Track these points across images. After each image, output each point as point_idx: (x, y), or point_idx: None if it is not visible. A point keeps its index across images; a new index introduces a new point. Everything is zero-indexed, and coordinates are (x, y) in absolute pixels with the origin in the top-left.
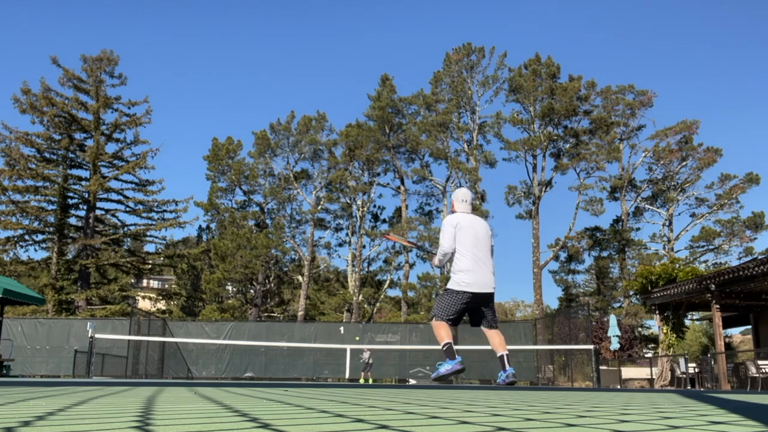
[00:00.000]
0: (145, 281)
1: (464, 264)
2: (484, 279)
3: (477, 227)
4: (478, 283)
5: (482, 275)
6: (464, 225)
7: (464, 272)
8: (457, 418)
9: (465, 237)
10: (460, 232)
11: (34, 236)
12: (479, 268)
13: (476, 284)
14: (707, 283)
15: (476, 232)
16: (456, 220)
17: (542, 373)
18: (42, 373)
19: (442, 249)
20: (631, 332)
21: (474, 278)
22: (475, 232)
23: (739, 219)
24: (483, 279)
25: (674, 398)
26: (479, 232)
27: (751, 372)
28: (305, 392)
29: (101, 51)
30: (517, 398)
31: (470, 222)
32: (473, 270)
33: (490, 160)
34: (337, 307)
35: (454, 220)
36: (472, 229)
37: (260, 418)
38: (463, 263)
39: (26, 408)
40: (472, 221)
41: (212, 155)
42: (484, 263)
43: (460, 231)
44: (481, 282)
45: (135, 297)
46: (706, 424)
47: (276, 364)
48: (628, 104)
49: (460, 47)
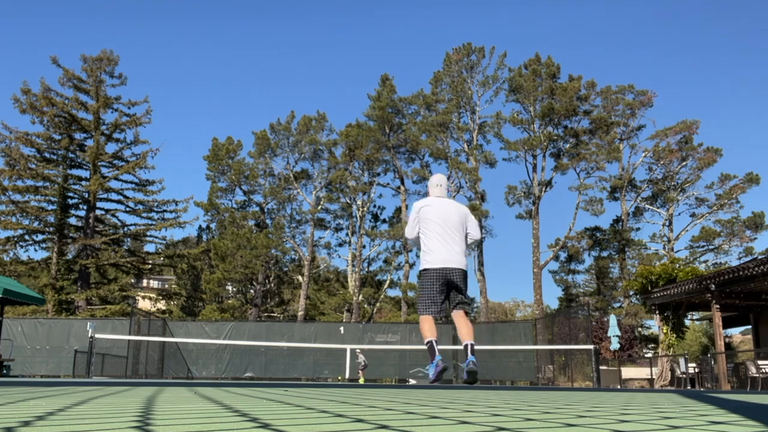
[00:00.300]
0: (145, 281)
1: (429, 244)
2: (450, 256)
3: (446, 209)
4: (444, 259)
5: (448, 253)
6: (430, 207)
7: (429, 252)
8: (457, 418)
9: (430, 218)
10: (426, 215)
11: (34, 236)
12: (445, 247)
13: (442, 260)
14: (707, 283)
15: (444, 214)
16: (421, 204)
17: (542, 373)
18: (42, 373)
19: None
20: (631, 332)
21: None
22: (442, 214)
23: (739, 219)
24: (449, 256)
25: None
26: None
27: (751, 372)
28: (305, 392)
29: (101, 51)
30: (517, 398)
31: (438, 204)
32: (438, 249)
33: (490, 160)
34: (337, 307)
35: (419, 204)
36: (439, 210)
37: (260, 418)
38: (428, 244)
39: (26, 408)
40: (440, 204)
41: (212, 155)
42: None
43: (425, 214)
44: (447, 258)
45: (135, 297)
46: (706, 424)
47: (276, 364)
48: (628, 104)
49: (460, 47)
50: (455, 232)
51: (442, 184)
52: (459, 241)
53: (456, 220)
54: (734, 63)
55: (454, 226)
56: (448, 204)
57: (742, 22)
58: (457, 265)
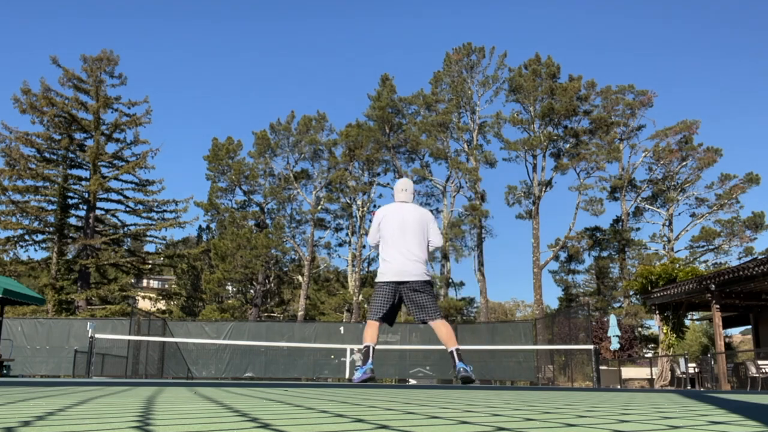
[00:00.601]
0: (145, 281)
1: (385, 253)
2: (405, 267)
3: (406, 215)
4: (397, 271)
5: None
6: (390, 214)
7: (384, 262)
8: (457, 418)
9: (389, 226)
10: (385, 223)
11: (34, 236)
12: (400, 257)
13: (395, 272)
14: (707, 283)
15: (403, 221)
16: (383, 212)
17: (542, 373)
18: (42, 373)
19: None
20: (631, 332)
21: (393, 267)
22: (402, 221)
23: (739, 219)
24: (404, 267)
25: (674, 398)
26: (408, 219)
27: (751, 372)
28: (305, 392)
29: (101, 51)
30: (517, 398)
31: (398, 210)
32: (393, 259)
33: (490, 160)
34: (337, 307)
35: (381, 212)
36: (398, 217)
37: (260, 418)
38: (384, 253)
39: (26, 408)
40: (401, 209)
41: (212, 155)
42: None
43: (385, 221)
44: (401, 270)
45: (135, 297)
46: (706, 424)
47: (276, 364)
48: (628, 104)
49: (460, 47)
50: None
51: (408, 189)
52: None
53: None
54: (734, 63)
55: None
56: (410, 210)
57: (743, 21)
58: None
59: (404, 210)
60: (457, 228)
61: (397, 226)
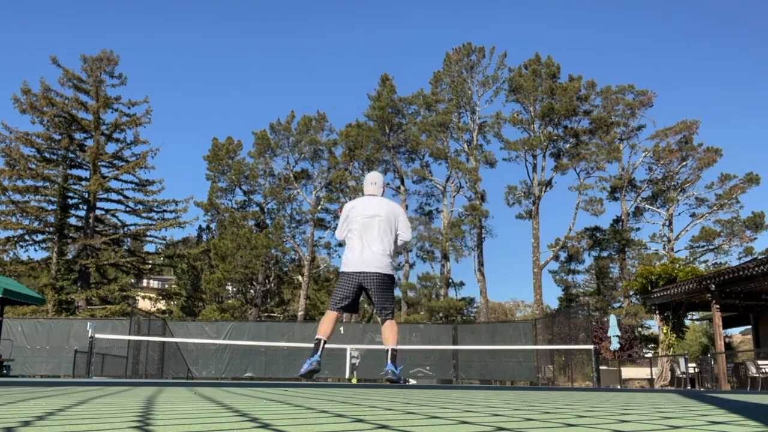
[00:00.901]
0: (145, 281)
1: (350, 244)
2: (367, 258)
3: (374, 208)
4: (359, 262)
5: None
6: (358, 207)
7: (348, 252)
8: (457, 418)
9: (355, 219)
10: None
11: (34, 236)
12: (364, 249)
13: (357, 263)
14: (707, 283)
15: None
16: (350, 204)
17: (542, 373)
18: (42, 373)
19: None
20: (631, 332)
21: (355, 258)
22: (369, 214)
23: (739, 219)
24: (366, 259)
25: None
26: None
27: (751, 372)
28: (305, 392)
29: (101, 51)
30: (517, 398)
31: (367, 203)
32: (357, 250)
33: (490, 160)
34: None
35: (348, 205)
36: (365, 210)
37: (260, 418)
38: (349, 244)
39: (26, 408)
40: (368, 202)
41: (212, 155)
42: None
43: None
44: (363, 261)
45: (135, 297)
46: (706, 424)
47: (276, 364)
48: (628, 104)
49: (460, 47)
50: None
51: (377, 182)
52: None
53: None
54: (734, 63)
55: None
56: (378, 203)
57: (743, 21)
58: (374, 269)
59: (372, 203)
60: (457, 228)
61: (363, 218)
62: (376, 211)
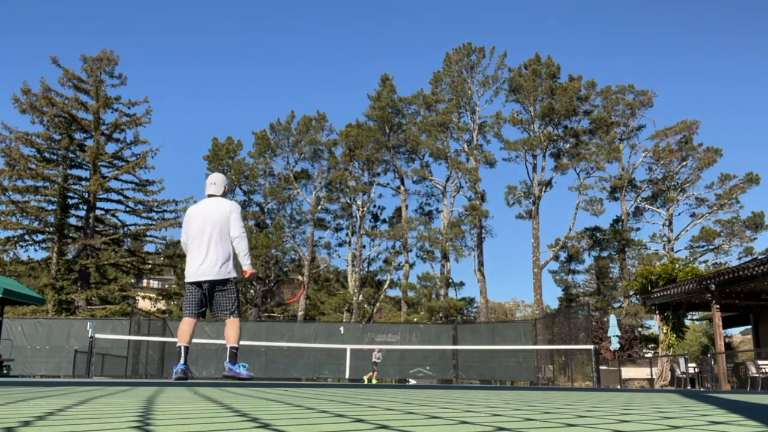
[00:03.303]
0: (145, 281)
1: (189, 254)
2: (203, 267)
3: (206, 212)
4: (196, 272)
5: (200, 264)
6: (193, 214)
7: (188, 263)
8: (457, 418)
9: (192, 227)
10: (190, 223)
11: (34, 236)
12: (200, 257)
13: (195, 273)
14: (707, 283)
15: (204, 218)
16: (189, 211)
17: (542, 373)
18: (42, 373)
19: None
20: (631, 332)
21: (193, 268)
22: (203, 219)
23: (739, 219)
24: (202, 267)
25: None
26: (209, 216)
27: (751, 372)
28: (305, 392)
29: (101, 51)
30: (517, 398)
31: (201, 207)
32: (194, 259)
33: (490, 160)
34: (337, 307)
35: (189, 211)
36: (200, 216)
37: (260, 418)
38: (188, 253)
39: (26, 408)
40: (202, 206)
41: (212, 155)
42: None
43: (190, 220)
44: (200, 270)
45: (135, 297)
46: (706, 424)
47: (276, 364)
48: (628, 104)
49: (460, 47)
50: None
51: (216, 182)
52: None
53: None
54: (734, 63)
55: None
56: (210, 205)
57: (743, 21)
58: (209, 277)
59: (205, 206)
60: (457, 228)
61: (199, 224)
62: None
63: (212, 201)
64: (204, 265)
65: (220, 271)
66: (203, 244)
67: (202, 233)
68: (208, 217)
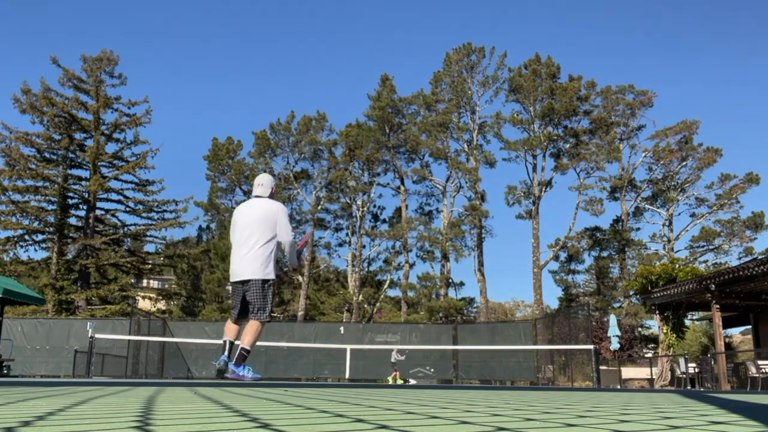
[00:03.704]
0: (145, 281)
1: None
2: (237, 267)
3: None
4: (234, 272)
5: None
6: (238, 214)
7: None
8: (457, 418)
9: (235, 227)
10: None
11: (34, 236)
12: (236, 257)
13: (234, 273)
14: (707, 283)
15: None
16: (235, 211)
17: (542, 373)
18: (42, 373)
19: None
20: (631, 332)
21: (233, 267)
22: (244, 219)
23: (739, 219)
24: (236, 267)
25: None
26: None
27: (751, 372)
28: (305, 392)
29: (101, 51)
30: (517, 398)
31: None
32: (232, 260)
33: (490, 160)
34: (337, 307)
35: (234, 212)
36: (244, 217)
37: (260, 418)
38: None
39: (26, 408)
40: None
41: (212, 155)
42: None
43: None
44: (237, 270)
45: (135, 297)
46: (706, 424)
47: (276, 364)
48: (628, 104)
49: (460, 47)
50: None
51: (264, 183)
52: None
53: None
54: (734, 63)
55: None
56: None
57: (743, 22)
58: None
59: (252, 206)
60: (457, 228)
61: (242, 224)
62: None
63: (258, 202)
64: (241, 265)
65: (255, 271)
66: (244, 245)
67: (242, 233)
68: (251, 218)
